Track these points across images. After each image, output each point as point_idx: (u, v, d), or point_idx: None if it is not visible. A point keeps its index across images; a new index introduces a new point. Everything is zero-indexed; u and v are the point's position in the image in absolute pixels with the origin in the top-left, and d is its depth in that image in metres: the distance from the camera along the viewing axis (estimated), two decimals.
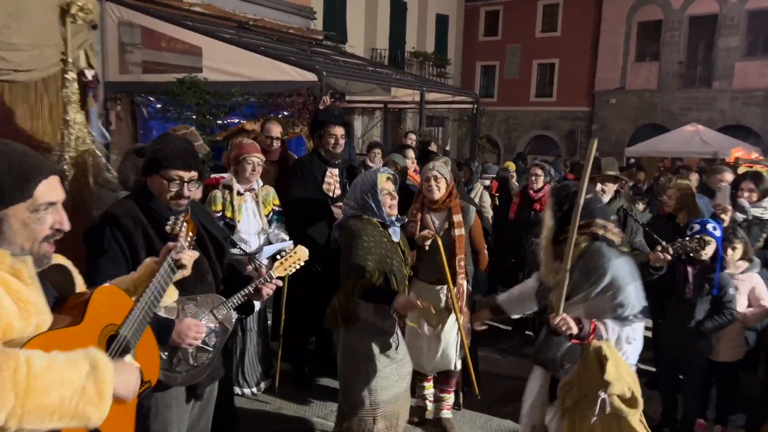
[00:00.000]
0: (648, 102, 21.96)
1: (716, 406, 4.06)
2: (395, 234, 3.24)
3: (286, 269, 2.71)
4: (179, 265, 1.99)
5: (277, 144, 4.93)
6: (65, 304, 1.59)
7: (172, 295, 2.09)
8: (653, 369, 4.37)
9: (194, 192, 2.51)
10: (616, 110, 22.56)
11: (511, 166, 8.95)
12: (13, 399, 1.25)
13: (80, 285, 1.75)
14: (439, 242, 3.49)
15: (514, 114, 24.96)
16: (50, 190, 1.52)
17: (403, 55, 20.47)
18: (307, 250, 2.78)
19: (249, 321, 4.19)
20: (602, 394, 2.31)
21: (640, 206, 7.63)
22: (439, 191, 3.82)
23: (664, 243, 3.47)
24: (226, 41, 7.65)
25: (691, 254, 3.51)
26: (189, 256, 2.03)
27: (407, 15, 20.88)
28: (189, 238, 2.08)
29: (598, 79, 22.95)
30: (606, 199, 3.75)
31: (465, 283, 3.87)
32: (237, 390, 4.24)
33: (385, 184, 3.20)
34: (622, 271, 2.42)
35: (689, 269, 3.66)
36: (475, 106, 11.78)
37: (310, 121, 4.98)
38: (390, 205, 3.19)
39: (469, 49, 25.50)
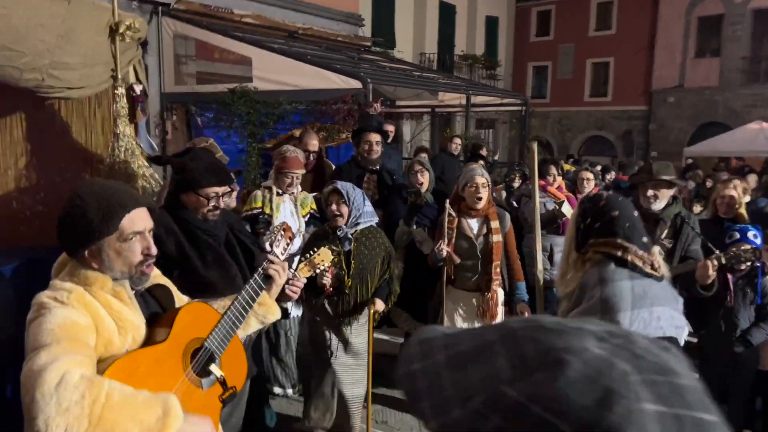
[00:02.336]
0: (708, 100, 21.11)
1: (762, 417, 3.89)
2: (346, 244, 3.47)
3: (310, 270, 2.68)
4: (268, 275, 2.09)
5: (313, 157, 5.04)
6: (157, 320, 1.78)
7: (270, 309, 2.13)
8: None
9: (228, 201, 2.62)
10: (674, 109, 21.79)
11: (567, 167, 8.80)
12: (87, 425, 1.37)
13: (180, 300, 1.95)
14: (455, 258, 3.68)
15: (567, 114, 24.47)
16: (135, 221, 1.71)
17: (452, 59, 20.39)
18: (330, 253, 2.80)
19: (287, 324, 4.30)
20: None
21: (697, 208, 7.32)
22: (484, 198, 3.81)
23: (717, 252, 3.27)
24: (275, 51, 7.84)
25: (747, 263, 3.33)
26: (278, 269, 2.11)
27: (456, 18, 20.79)
28: (286, 244, 2.19)
29: (655, 77, 22.23)
30: (660, 205, 3.59)
31: (500, 290, 3.85)
32: (277, 390, 4.38)
33: (328, 196, 3.49)
34: (619, 295, 2.22)
35: (729, 276, 3.52)
36: (524, 107, 11.63)
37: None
38: (333, 215, 3.44)
39: (520, 50, 25.17)
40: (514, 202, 6.22)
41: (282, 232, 2.25)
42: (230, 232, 2.64)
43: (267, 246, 2.19)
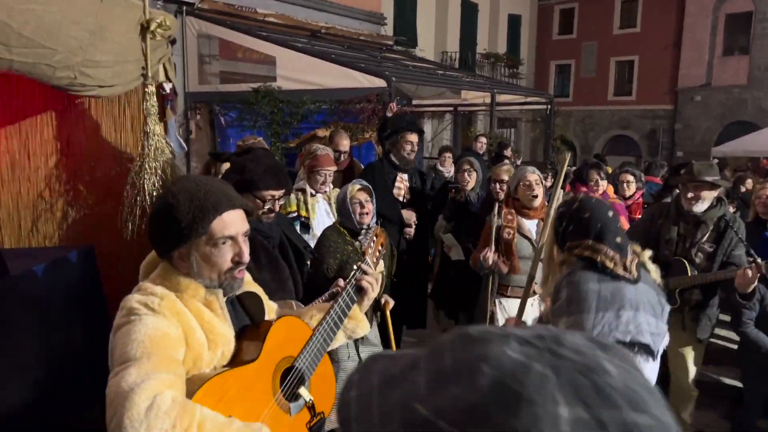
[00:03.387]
0: (737, 98, 20.69)
1: None
2: (365, 241, 3.34)
3: (375, 255, 2.30)
4: (360, 288, 1.93)
5: (345, 156, 5.00)
6: (247, 334, 1.65)
7: (361, 324, 1.97)
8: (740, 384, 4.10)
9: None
10: (701, 108, 21.40)
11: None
12: None
13: (270, 311, 1.83)
14: (502, 268, 3.41)
15: (590, 113, 24.17)
16: (227, 224, 1.57)
17: (474, 57, 20.25)
18: (381, 262, 2.65)
19: None
20: None
21: (730, 209, 7.12)
22: (540, 196, 3.58)
23: (759, 259, 3.15)
24: (299, 50, 7.82)
25: None
26: (371, 281, 1.94)
27: (478, 16, 20.65)
28: (378, 252, 2.03)
29: (681, 75, 21.85)
30: (702, 207, 3.44)
31: None
32: None
33: (356, 194, 3.36)
34: (583, 296, 2.19)
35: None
36: (549, 106, 11.49)
37: (379, 127, 4.98)
38: (360, 213, 3.33)
39: (543, 48, 24.92)
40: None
41: (375, 238, 2.08)
42: (283, 235, 2.62)
43: (361, 250, 2.03)
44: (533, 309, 3.51)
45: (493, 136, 9.57)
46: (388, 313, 3.48)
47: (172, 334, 1.46)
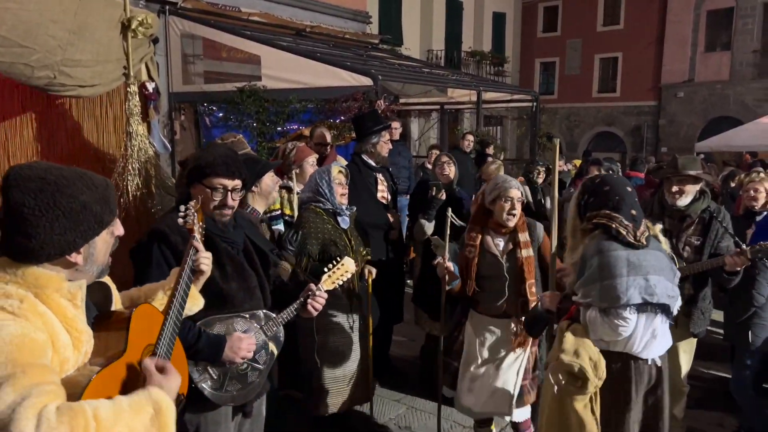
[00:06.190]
0: (719, 94, 20.91)
1: None
2: (343, 222, 3.58)
3: (334, 282, 2.61)
4: (198, 270, 1.96)
5: (328, 149, 4.97)
6: (104, 325, 1.57)
7: (197, 301, 2.02)
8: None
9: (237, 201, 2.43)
10: (684, 104, 21.60)
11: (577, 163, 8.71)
12: None
13: (116, 300, 1.73)
14: (449, 266, 3.27)
15: (575, 111, 24.31)
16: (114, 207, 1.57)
17: (460, 56, 20.29)
18: (353, 262, 2.72)
19: None
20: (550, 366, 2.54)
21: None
22: (518, 215, 3.30)
23: (744, 246, 3.25)
24: (284, 49, 7.76)
25: None
26: (206, 259, 1.98)
27: (463, 15, 20.69)
28: (202, 229, 2.00)
29: (664, 71, 22.03)
30: (686, 201, 3.46)
31: None
32: None
33: (338, 176, 3.59)
34: (614, 263, 2.44)
35: None
36: (535, 104, 11.52)
37: (357, 126, 4.64)
38: (341, 193, 3.57)
39: (528, 46, 25.02)
40: (542, 200, 6.10)
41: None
42: (247, 239, 2.46)
43: (181, 223, 1.97)
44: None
45: (480, 134, 9.58)
46: (370, 281, 3.77)
47: (39, 339, 1.32)
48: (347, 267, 2.66)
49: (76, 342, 1.42)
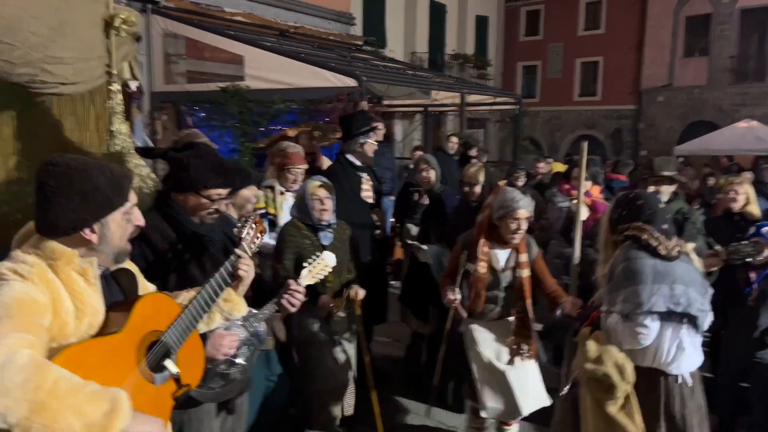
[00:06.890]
0: (698, 98, 21.24)
1: None
2: (325, 238, 3.46)
3: (314, 277, 2.62)
4: (237, 274, 2.00)
5: (317, 158, 4.97)
6: (116, 308, 1.67)
7: (237, 306, 2.07)
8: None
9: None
10: (663, 108, 21.90)
11: (559, 166, 8.77)
12: (26, 411, 1.28)
13: (143, 289, 1.86)
14: (461, 313, 3.40)
15: (557, 114, 24.52)
16: (134, 192, 1.71)
17: (443, 58, 20.35)
18: (333, 256, 2.73)
19: None
20: (575, 372, 2.56)
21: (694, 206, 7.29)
22: (522, 234, 3.30)
23: (717, 247, 3.32)
24: (267, 49, 7.73)
25: (747, 259, 3.32)
26: (246, 267, 2.02)
27: (446, 17, 20.74)
28: (256, 239, 2.08)
29: (644, 76, 22.33)
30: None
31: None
32: None
33: (316, 191, 3.42)
34: (640, 270, 2.45)
35: (752, 275, 3.47)
36: (518, 107, 11.60)
37: (344, 126, 4.60)
38: (320, 209, 3.41)
39: (510, 49, 25.20)
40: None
41: (254, 225, 2.14)
42: (225, 236, 2.44)
43: (236, 232, 2.07)
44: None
45: (463, 136, 9.61)
46: (357, 305, 3.57)
47: (39, 300, 1.48)
48: (326, 261, 2.66)
49: (79, 313, 1.55)
